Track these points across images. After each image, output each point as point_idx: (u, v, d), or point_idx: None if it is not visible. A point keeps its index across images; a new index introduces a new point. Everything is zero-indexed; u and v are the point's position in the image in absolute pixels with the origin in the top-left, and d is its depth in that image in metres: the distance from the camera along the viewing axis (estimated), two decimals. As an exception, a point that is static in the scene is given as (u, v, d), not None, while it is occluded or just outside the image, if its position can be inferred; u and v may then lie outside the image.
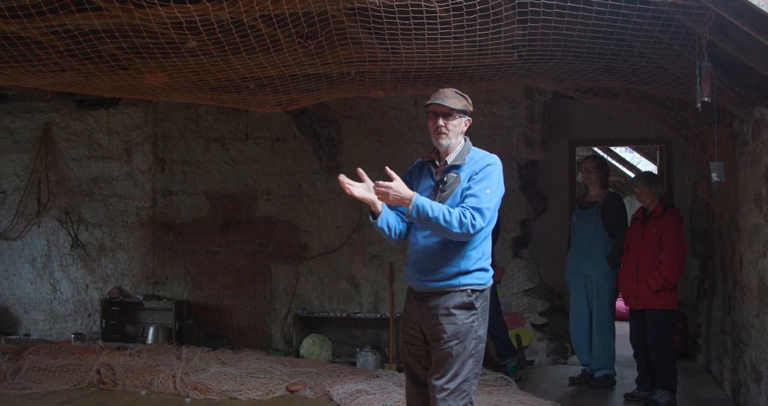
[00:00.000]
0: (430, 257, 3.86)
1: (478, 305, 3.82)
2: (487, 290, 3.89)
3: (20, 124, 10.01)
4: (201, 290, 9.31)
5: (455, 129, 3.91)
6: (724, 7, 3.86)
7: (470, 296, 3.80)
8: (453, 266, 3.80)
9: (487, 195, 3.74)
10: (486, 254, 3.89)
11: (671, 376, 6.32)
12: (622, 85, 5.95)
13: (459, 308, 3.79)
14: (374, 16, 4.64)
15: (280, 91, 6.21)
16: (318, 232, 9.02)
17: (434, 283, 3.84)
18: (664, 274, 6.27)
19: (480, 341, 3.84)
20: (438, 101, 3.89)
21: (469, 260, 3.81)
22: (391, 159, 8.65)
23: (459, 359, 3.76)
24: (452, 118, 3.90)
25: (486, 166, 3.83)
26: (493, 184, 3.80)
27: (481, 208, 3.69)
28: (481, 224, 3.68)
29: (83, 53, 5.31)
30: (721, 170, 5.47)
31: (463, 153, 3.93)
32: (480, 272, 3.84)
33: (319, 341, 8.39)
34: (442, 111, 3.89)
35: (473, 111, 4.04)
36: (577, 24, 4.60)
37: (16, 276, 9.99)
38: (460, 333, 3.77)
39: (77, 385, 7.01)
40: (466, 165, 3.88)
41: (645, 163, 14.01)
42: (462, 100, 3.93)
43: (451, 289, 3.81)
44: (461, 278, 3.80)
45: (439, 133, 3.91)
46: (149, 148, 9.57)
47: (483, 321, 3.86)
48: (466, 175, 3.84)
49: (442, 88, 3.99)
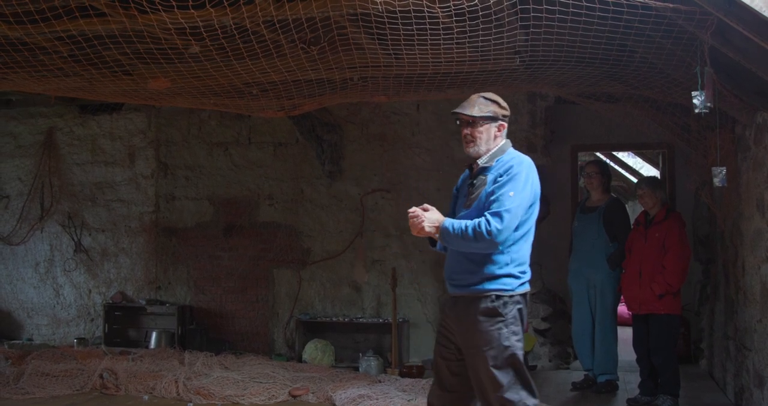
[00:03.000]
0: (457, 261, 3.80)
1: (505, 312, 3.67)
2: (518, 296, 3.72)
3: (24, 129, 10.03)
4: (204, 295, 9.31)
5: (483, 135, 3.85)
6: (726, 13, 3.87)
7: (494, 302, 3.67)
8: (478, 271, 3.70)
9: (509, 198, 3.62)
10: (516, 259, 3.73)
11: (674, 381, 6.31)
12: (624, 90, 5.96)
13: (484, 315, 3.68)
14: (377, 22, 4.66)
15: (283, 97, 6.23)
16: (320, 237, 9.03)
17: (461, 288, 3.78)
18: (668, 278, 6.27)
19: (514, 348, 3.66)
20: (459, 110, 3.85)
21: (494, 265, 3.69)
22: (393, 164, 8.67)
23: (490, 369, 3.63)
24: (479, 126, 3.84)
25: (510, 168, 3.73)
26: (518, 185, 3.67)
27: (500, 211, 3.58)
28: (497, 227, 3.55)
29: (87, 59, 5.33)
30: (723, 175, 5.47)
31: (494, 155, 3.86)
32: (507, 277, 3.70)
33: (322, 345, 8.38)
34: (466, 119, 3.85)
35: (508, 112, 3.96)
36: (580, 29, 4.61)
37: (19, 281, 10.00)
38: (485, 341, 3.65)
39: (80, 390, 7.01)
40: (494, 167, 3.80)
41: (647, 168, 14.01)
42: (490, 104, 3.86)
43: (477, 294, 3.70)
44: (486, 284, 3.69)
45: (466, 142, 3.88)
46: (152, 153, 9.59)
47: (516, 328, 3.69)
48: (492, 178, 3.76)
49: (474, 94, 3.93)
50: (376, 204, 8.85)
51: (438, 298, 8.60)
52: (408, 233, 8.88)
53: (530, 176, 3.76)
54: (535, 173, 3.82)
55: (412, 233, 3.81)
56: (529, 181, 3.74)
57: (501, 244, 3.63)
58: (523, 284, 3.77)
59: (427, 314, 8.64)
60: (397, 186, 8.72)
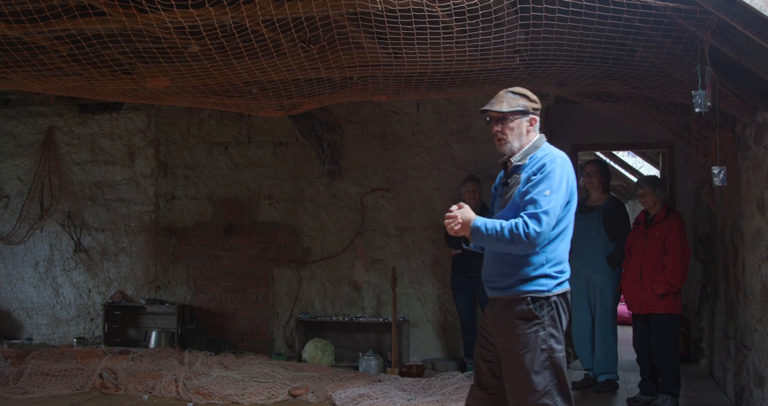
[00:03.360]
0: (493, 263, 3.74)
1: (542, 314, 3.58)
2: (555, 296, 3.62)
3: (23, 128, 10.03)
4: (203, 294, 9.31)
5: (515, 131, 3.74)
6: (726, 12, 3.86)
7: (530, 305, 3.58)
8: (513, 273, 3.62)
9: (545, 197, 3.51)
10: (552, 259, 3.62)
11: (674, 380, 6.30)
12: (624, 89, 5.95)
13: (520, 318, 3.59)
14: (377, 21, 4.65)
15: (283, 96, 6.22)
16: (320, 236, 9.03)
17: (497, 291, 3.71)
18: (669, 278, 6.26)
19: (552, 351, 3.60)
20: (488, 107, 3.77)
21: (529, 266, 3.59)
22: (393, 164, 8.66)
23: (527, 373, 3.56)
24: (509, 122, 3.74)
25: (543, 166, 3.61)
26: (553, 184, 3.55)
27: (537, 212, 3.48)
28: (536, 230, 3.45)
29: (86, 58, 5.33)
30: (723, 175, 5.46)
31: (528, 152, 3.75)
32: (543, 278, 3.60)
33: (322, 345, 8.38)
34: (495, 116, 3.76)
35: (538, 106, 3.85)
36: (580, 28, 4.60)
37: (18, 280, 10.00)
38: (522, 344, 3.57)
39: (80, 389, 7.01)
40: (528, 165, 3.70)
41: (647, 168, 14.02)
42: (519, 99, 3.76)
43: (513, 297, 3.62)
44: (521, 286, 3.60)
45: (498, 140, 3.79)
46: (152, 152, 9.58)
47: (554, 330, 3.61)
48: (525, 176, 3.65)
49: (502, 90, 3.83)
50: (376, 203, 8.84)
51: (438, 297, 8.60)
52: (408, 232, 8.95)
53: (565, 173, 3.64)
54: (570, 169, 3.71)
55: (449, 233, 3.72)
56: (564, 178, 3.63)
57: (539, 245, 3.54)
58: (560, 284, 3.66)
59: (427, 314, 8.64)
60: (397, 185, 8.72)
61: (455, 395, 6.45)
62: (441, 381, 6.95)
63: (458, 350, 8.46)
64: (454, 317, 8.43)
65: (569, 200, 3.67)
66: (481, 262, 3.91)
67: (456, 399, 6.34)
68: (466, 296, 7.84)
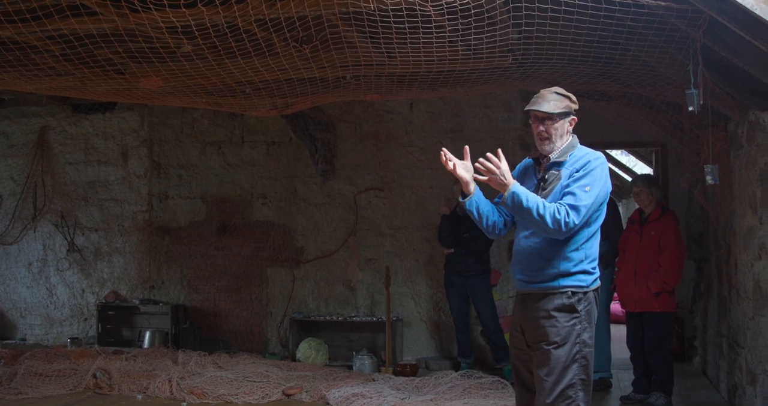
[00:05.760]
0: (531, 257, 3.79)
1: (581, 308, 3.70)
2: (592, 293, 3.75)
3: (16, 128, 10.00)
4: (197, 294, 9.30)
5: (557, 132, 3.83)
6: (718, 11, 3.87)
7: (570, 298, 3.69)
8: (553, 268, 3.70)
9: (586, 193, 3.62)
10: (590, 256, 3.75)
11: (668, 378, 6.32)
12: (617, 88, 5.96)
13: (559, 311, 3.69)
14: (369, 20, 4.65)
15: (276, 95, 6.22)
16: (314, 235, 9.02)
17: (534, 285, 3.77)
18: (664, 276, 6.28)
19: (585, 345, 3.73)
20: (536, 107, 3.82)
21: (569, 262, 3.70)
22: (386, 163, 8.67)
23: (559, 364, 3.65)
24: (554, 122, 3.82)
25: (587, 164, 3.73)
26: (594, 181, 3.67)
27: (578, 205, 3.59)
28: (574, 222, 3.57)
29: (79, 58, 5.31)
30: (716, 173, 5.49)
31: (566, 150, 3.85)
32: (582, 274, 3.71)
33: (316, 344, 8.38)
34: (542, 116, 3.83)
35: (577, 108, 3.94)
36: (572, 28, 4.61)
37: (12, 281, 9.97)
38: (561, 337, 3.67)
39: (73, 389, 6.99)
40: (568, 162, 3.79)
41: (641, 166, 14.03)
42: (563, 100, 3.85)
43: (551, 291, 3.71)
44: (561, 280, 3.70)
45: (542, 138, 3.85)
46: (145, 152, 9.56)
47: (589, 325, 3.74)
48: (567, 172, 3.75)
49: (544, 89, 3.90)
50: (369, 203, 8.84)
51: (431, 296, 8.61)
52: (401, 231, 8.95)
53: (605, 173, 3.77)
54: (608, 171, 3.83)
55: (482, 177, 3.72)
56: (604, 178, 3.75)
57: (565, 236, 3.64)
58: (595, 280, 3.79)
59: (421, 313, 8.65)
60: (391, 185, 8.72)
61: (449, 394, 6.46)
62: (434, 380, 6.95)
63: (452, 349, 8.46)
64: (447, 316, 8.43)
65: (603, 201, 3.78)
66: (474, 261, 3.92)
67: (449, 398, 6.35)
68: (458, 295, 7.84)
